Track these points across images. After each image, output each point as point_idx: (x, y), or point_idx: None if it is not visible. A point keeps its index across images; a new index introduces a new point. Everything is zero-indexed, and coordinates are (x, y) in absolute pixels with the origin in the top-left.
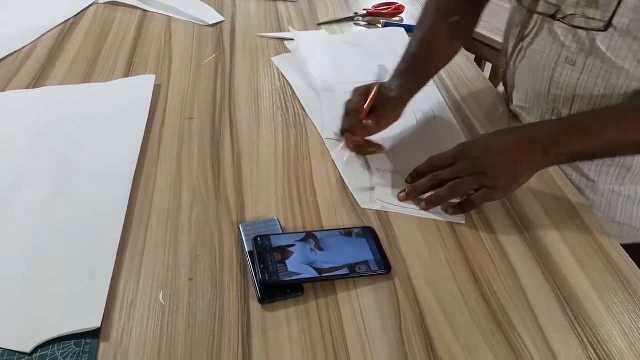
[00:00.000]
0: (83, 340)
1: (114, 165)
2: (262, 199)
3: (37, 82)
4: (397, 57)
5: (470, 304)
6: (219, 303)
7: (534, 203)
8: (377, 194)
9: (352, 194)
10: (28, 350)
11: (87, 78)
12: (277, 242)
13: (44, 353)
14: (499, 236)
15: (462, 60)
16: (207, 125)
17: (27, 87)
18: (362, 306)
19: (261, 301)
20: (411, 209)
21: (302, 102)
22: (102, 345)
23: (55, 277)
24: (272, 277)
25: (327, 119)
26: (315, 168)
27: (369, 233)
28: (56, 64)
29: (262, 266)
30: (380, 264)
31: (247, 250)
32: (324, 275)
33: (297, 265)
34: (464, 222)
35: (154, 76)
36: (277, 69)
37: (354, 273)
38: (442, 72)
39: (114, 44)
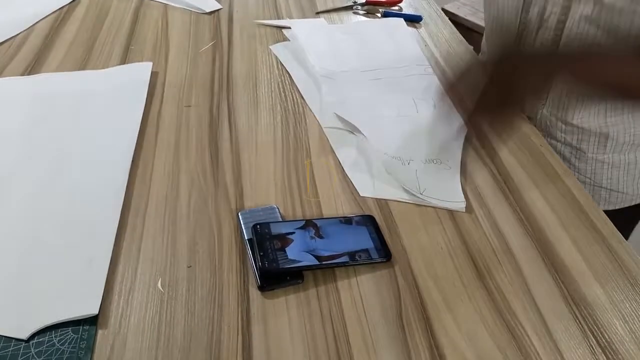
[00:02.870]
0: (81, 327)
1: (111, 152)
2: (261, 187)
3: (31, 69)
4: (397, 47)
5: (470, 291)
6: (218, 290)
7: (534, 190)
8: (376, 181)
9: (351, 181)
10: (25, 336)
11: (82, 65)
12: (276, 229)
13: (41, 340)
14: (499, 224)
15: (462, 50)
16: (205, 113)
17: (22, 75)
18: (363, 294)
19: (261, 288)
20: (411, 197)
21: (300, 90)
22: (99, 332)
23: (52, 263)
24: (271, 264)
25: (326, 105)
26: (314, 156)
27: (368, 221)
28: (51, 52)
29: (261, 253)
30: (380, 252)
31: (246, 238)
32: (324, 263)
33: (296, 253)
34: (464, 209)
35: (150, 63)
36: (276, 57)
37: (354, 261)
38: (441, 61)
39: (110, 31)
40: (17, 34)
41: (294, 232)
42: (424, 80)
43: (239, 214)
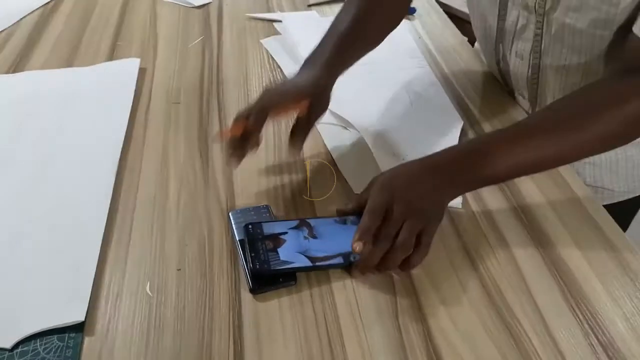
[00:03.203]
0: (66, 335)
1: (98, 151)
2: (252, 186)
3: (16, 67)
4: (390, 40)
5: (468, 290)
6: (208, 294)
7: (532, 187)
8: (371, 178)
9: (345, 179)
10: (9, 346)
11: (69, 62)
12: (268, 229)
13: (25, 349)
14: (497, 221)
15: (457, 42)
16: (194, 109)
17: (6, 73)
18: (357, 295)
19: (253, 291)
20: None
21: None
22: (86, 339)
23: (37, 269)
24: (263, 266)
25: None
26: (307, 153)
27: None
28: (36, 49)
29: (253, 255)
30: None
31: (237, 239)
32: (317, 264)
33: (289, 254)
34: (460, 206)
35: (138, 59)
36: (267, 51)
37: (348, 262)
38: (435, 53)
39: (97, 26)
40: (1, 31)
41: (286, 232)
42: (418, 74)
43: (230, 213)
